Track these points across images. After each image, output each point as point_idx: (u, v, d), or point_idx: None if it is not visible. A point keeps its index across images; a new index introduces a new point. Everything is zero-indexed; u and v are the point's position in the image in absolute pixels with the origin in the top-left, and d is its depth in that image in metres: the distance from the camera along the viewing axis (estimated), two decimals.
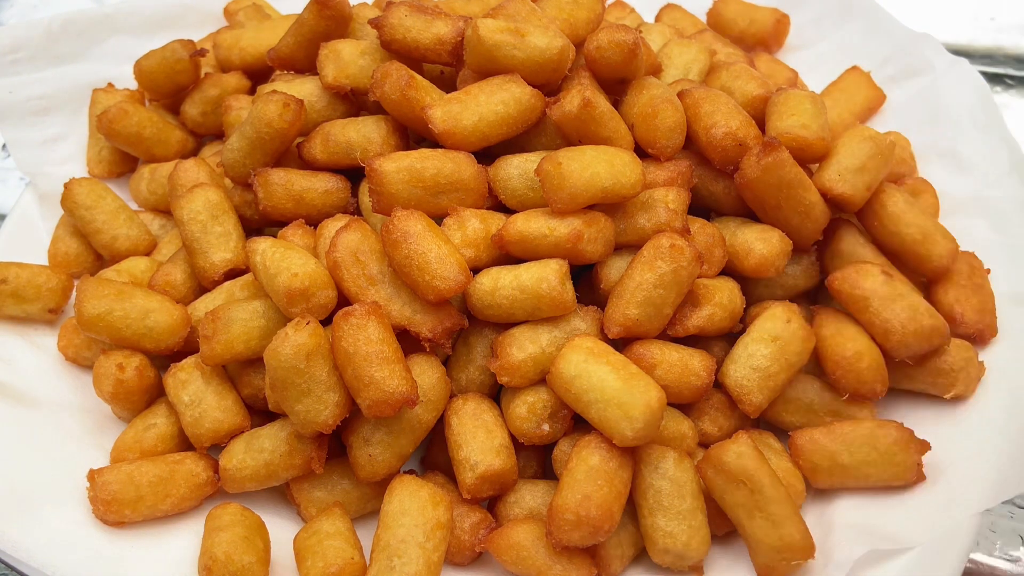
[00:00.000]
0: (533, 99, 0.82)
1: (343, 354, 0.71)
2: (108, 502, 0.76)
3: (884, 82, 1.10)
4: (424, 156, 0.80)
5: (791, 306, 0.81)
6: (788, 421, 0.83)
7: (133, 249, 0.96)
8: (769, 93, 0.90)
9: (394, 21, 0.85)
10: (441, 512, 0.71)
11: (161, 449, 0.82)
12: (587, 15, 0.89)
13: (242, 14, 1.15)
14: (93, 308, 0.82)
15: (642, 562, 0.77)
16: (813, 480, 0.79)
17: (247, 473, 0.78)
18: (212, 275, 0.86)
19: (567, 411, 0.78)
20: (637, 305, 0.77)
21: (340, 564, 0.71)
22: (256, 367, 0.82)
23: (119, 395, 0.83)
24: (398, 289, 0.77)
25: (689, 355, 0.79)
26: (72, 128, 1.09)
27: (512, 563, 0.74)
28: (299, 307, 0.75)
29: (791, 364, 0.79)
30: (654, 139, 0.83)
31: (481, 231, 0.80)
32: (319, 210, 0.88)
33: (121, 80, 1.11)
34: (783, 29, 1.16)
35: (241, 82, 1.04)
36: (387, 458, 0.76)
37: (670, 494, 0.73)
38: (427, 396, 0.76)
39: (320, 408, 0.73)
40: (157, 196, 1.01)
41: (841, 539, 0.74)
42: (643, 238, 0.79)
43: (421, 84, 0.83)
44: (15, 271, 0.91)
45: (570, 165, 0.76)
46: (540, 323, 0.78)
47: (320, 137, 0.88)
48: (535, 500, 0.78)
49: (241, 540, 0.73)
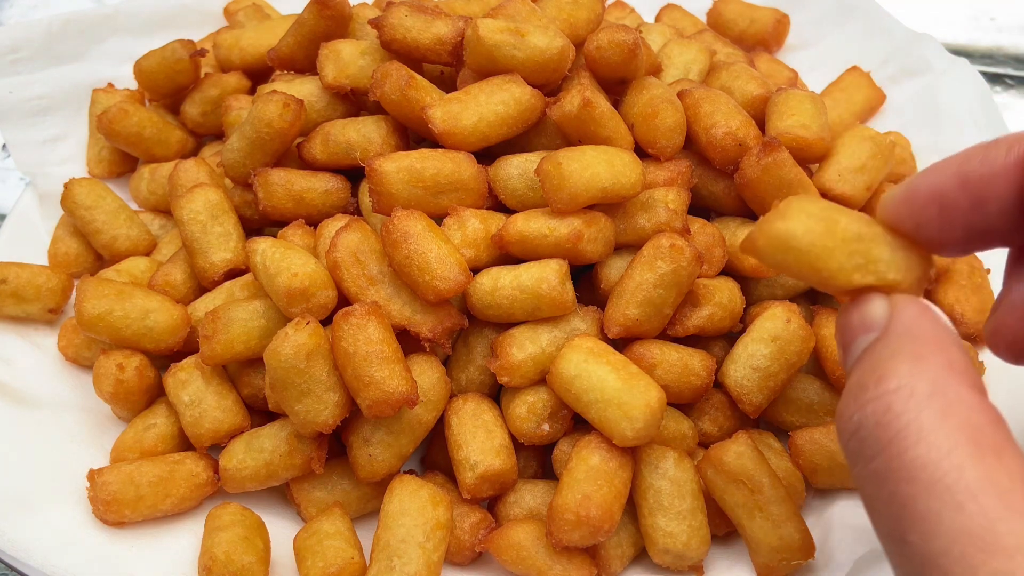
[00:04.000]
0: (533, 99, 0.82)
1: (343, 354, 0.71)
2: (108, 502, 0.76)
3: (884, 82, 1.10)
4: (424, 156, 0.80)
5: (791, 306, 0.81)
6: (788, 421, 0.83)
7: (133, 249, 0.96)
8: (769, 93, 0.90)
9: (394, 21, 0.85)
10: (441, 512, 0.71)
11: (161, 449, 0.82)
12: (587, 15, 0.89)
13: (242, 14, 1.15)
14: (93, 308, 0.82)
15: (642, 562, 0.77)
16: (813, 480, 0.79)
17: (247, 473, 0.78)
18: (212, 275, 0.86)
19: (567, 411, 0.78)
20: (637, 305, 0.77)
21: (340, 564, 0.71)
22: (256, 367, 0.82)
23: (119, 395, 0.83)
24: (398, 289, 0.77)
25: (689, 355, 0.79)
26: (72, 128, 1.09)
27: (512, 563, 0.74)
28: (299, 307, 0.75)
29: (791, 364, 0.79)
30: (654, 139, 0.83)
31: (481, 231, 0.80)
32: (319, 210, 0.88)
33: (121, 80, 1.11)
34: (783, 29, 1.16)
35: (241, 82, 1.04)
36: (387, 458, 0.76)
37: (670, 494, 0.73)
38: (427, 396, 0.76)
39: (320, 408, 0.73)
40: (157, 196, 1.01)
41: (841, 539, 0.75)
42: (643, 238, 0.79)
43: (421, 84, 0.83)
44: (15, 271, 0.91)
45: (570, 165, 0.76)
46: (540, 323, 0.78)
47: (320, 137, 0.88)
48: (535, 500, 0.78)
49: (241, 540, 0.73)
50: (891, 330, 0.47)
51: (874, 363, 0.46)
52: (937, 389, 0.43)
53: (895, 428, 0.42)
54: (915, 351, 0.45)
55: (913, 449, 0.41)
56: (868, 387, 0.44)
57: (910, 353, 0.45)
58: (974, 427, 0.41)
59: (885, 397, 0.43)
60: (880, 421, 0.43)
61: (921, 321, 0.47)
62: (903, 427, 0.42)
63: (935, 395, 0.42)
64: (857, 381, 0.46)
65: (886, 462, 0.42)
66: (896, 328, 0.47)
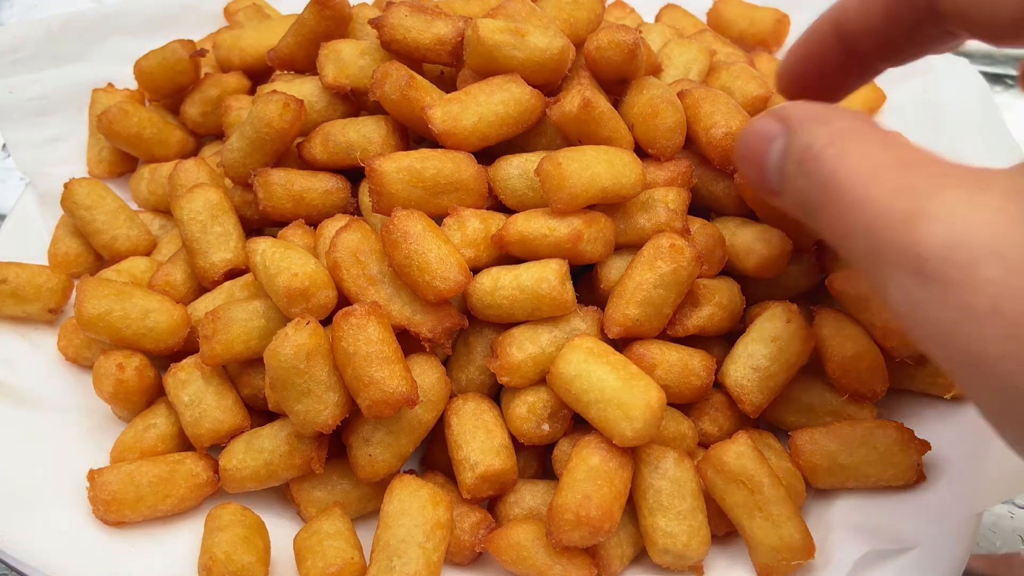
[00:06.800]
0: (533, 99, 0.82)
1: (343, 354, 0.71)
2: (108, 502, 0.76)
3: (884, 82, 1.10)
4: (424, 156, 0.80)
5: (791, 306, 0.81)
6: (788, 421, 0.83)
7: (133, 249, 0.96)
8: (769, 93, 0.90)
9: (394, 21, 0.85)
10: (441, 512, 0.71)
11: (161, 449, 0.82)
12: (587, 15, 0.89)
13: (242, 14, 1.15)
14: (93, 308, 0.82)
15: (642, 562, 0.77)
16: (813, 480, 0.79)
17: (247, 473, 0.78)
18: (212, 275, 0.86)
19: (567, 411, 0.78)
20: (637, 305, 0.77)
21: (340, 564, 0.71)
22: (256, 367, 0.82)
23: (119, 395, 0.83)
24: (398, 289, 0.77)
25: (689, 355, 0.79)
26: (72, 128, 1.09)
27: (512, 563, 0.74)
28: (299, 307, 0.75)
29: (791, 364, 0.79)
30: (654, 139, 0.83)
31: (481, 231, 0.80)
32: (319, 210, 0.88)
33: (121, 80, 1.11)
34: (783, 29, 1.16)
35: (241, 82, 1.04)
36: (387, 458, 0.76)
37: (670, 494, 0.73)
38: (427, 396, 0.76)
39: (320, 408, 0.73)
40: (157, 196, 1.01)
41: (841, 539, 0.74)
42: (643, 238, 0.79)
43: (421, 84, 0.83)
44: (15, 271, 0.91)
45: (570, 165, 0.76)
46: (540, 323, 0.78)
47: (320, 137, 0.88)
48: (535, 500, 0.78)
49: (241, 540, 0.73)
50: (791, 125, 0.57)
51: (797, 145, 0.57)
52: (844, 132, 0.54)
53: (829, 165, 0.54)
54: (819, 120, 0.56)
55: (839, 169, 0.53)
56: (806, 159, 0.56)
57: (818, 121, 0.56)
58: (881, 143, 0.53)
59: (813, 151, 0.55)
60: (815, 168, 0.55)
61: (808, 108, 0.58)
62: (832, 162, 0.53)
63: (844, 135, 0.54)
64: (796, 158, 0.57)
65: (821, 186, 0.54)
66: (792, 120, 0.58)
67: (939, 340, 0.48)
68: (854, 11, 0.69)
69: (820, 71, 0.75)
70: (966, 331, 0.45)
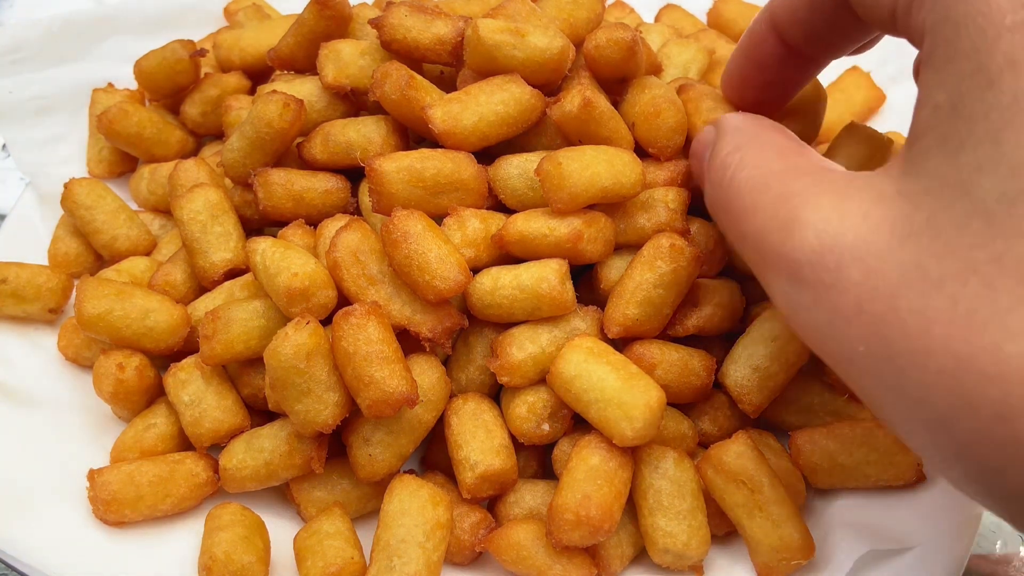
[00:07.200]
0: (533, 99, 0.82)
1: (343, 354, 0.71)
2: (108, 502, 0.76)
3: (884, 82, 1.10)
4: (424, 156, 0.80)
5: None
6: (788, 421, 0.83)
7: (133, 249, 0.96)
8: None
9: (394, 21, 0.85)
10: (441, 512, 0.71)
11: (161, 449, 0.82)
12: (587, 15, 0.89)
13: (242, 14, 1.15)
14: (93, 308, 0.82)
15: (642, 562, 0.77)
16: (813, 480, 0.79)
17: (247, 473, 0.78)
18: (212, 275, 0.86)
19: (567, 411, 0.78)
20: (637, 305, 0.77)
21: (340, 564, 0.71)
22: (256, 367, 0.82)
23: (119, 395, 0.83)
24: (398, 289, 0.77)
25: (689, 355, 0.79)
26: (72, 128, 1.09)
27: (512, 563, 0.74)
28: (299, 307, 0.75)
29: (791, 364, 0.79)
30: (655, 139, 0.83)
31: (481, 231, 0.80)
32: (319, 210, 0.88)
33: (121, 80, 1.11)
34: None
35: (241, 82, 1.04)
36: (387, 458, 0.76)
37: (670, 494, 0.73)
38: (427, 396, 0.76)
39: (320, 408, 0.73)
40: (157, 196, 1.01)
41: (841, 539, 0.75)
42: (643, 238, 0.79)
43: (421, 84, 0.83)
44: (15, 271, 0.91)
45: (570, 165, 0.76)
46: (540, 323, 0.78)
47: (320, 137, 0.88)
48: (535, 500, 0.78)
49: (241, 540, 0.73)
50: (719, 133, 0.64)
51: (715, 152, 0.63)
52: (748, 140, 0.60)
53: (730, 172, 0.59)
54: (733, 129, 0.63)
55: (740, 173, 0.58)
56: (714, 166, 0.62)
57: (732, 130, 0.63)
58: (779, 151, 0.58)
59: (719, 158, 0.60)
60: (720, 175, 0.60)
61: (735, 118, 0.65)
62: (733, 169, 0.59)
63: (747, 144, 0.60)
64: (713, 165, 0.62)
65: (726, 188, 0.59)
66: (720, 128, 0.65)
67: (818, 341, 0.50)
68: (783, 3, 0.70)
69: (762, 69, 0.75)
70: (839, 332, 0.48)
